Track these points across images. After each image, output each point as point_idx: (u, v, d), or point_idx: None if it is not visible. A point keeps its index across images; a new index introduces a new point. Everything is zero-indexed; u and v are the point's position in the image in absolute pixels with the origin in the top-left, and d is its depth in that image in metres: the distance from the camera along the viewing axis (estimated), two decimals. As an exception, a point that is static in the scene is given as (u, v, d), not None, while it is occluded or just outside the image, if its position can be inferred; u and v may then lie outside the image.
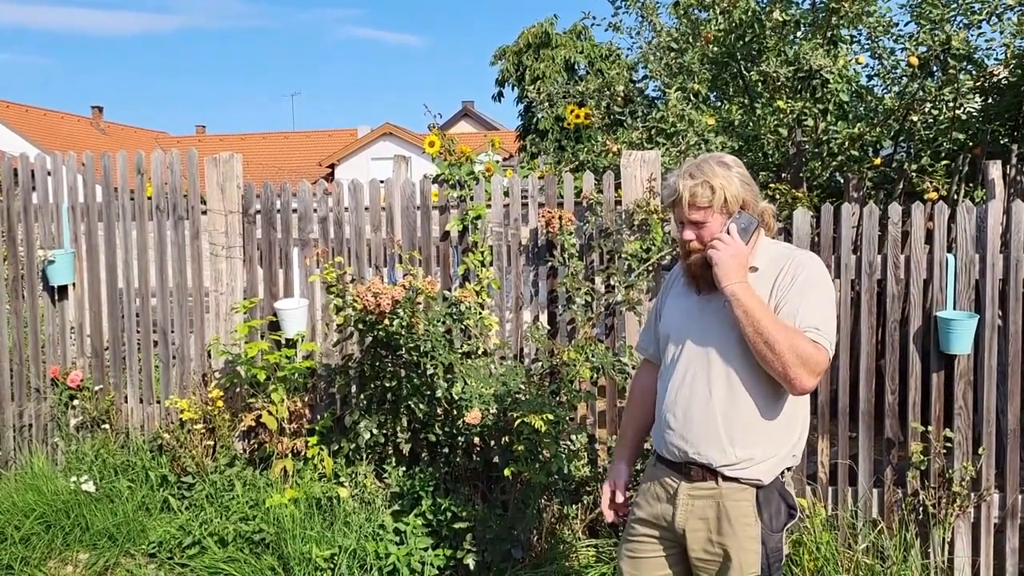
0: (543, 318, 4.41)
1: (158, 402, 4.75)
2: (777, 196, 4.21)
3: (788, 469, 2.29)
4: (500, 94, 16.65)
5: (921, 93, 5.14)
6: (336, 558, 3.85)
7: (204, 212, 4.69)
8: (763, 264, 2.23)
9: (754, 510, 2.20)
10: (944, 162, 5.30)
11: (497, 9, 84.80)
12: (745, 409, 2.18)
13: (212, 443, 4.44)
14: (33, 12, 73.00)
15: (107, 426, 4.67)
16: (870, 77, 6.26)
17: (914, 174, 5.30)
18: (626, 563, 2.41)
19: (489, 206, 4.39)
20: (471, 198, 4.41)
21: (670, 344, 2.33)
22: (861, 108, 6.02)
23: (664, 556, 2.34)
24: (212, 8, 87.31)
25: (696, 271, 2.24)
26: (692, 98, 6.01)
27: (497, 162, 4.66)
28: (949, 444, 3.87)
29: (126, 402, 4.79)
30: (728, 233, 2.16)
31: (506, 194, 4.43)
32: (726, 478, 2.20)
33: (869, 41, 5.93)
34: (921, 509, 3.88)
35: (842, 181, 5.54)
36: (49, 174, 4.83)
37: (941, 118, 5.31)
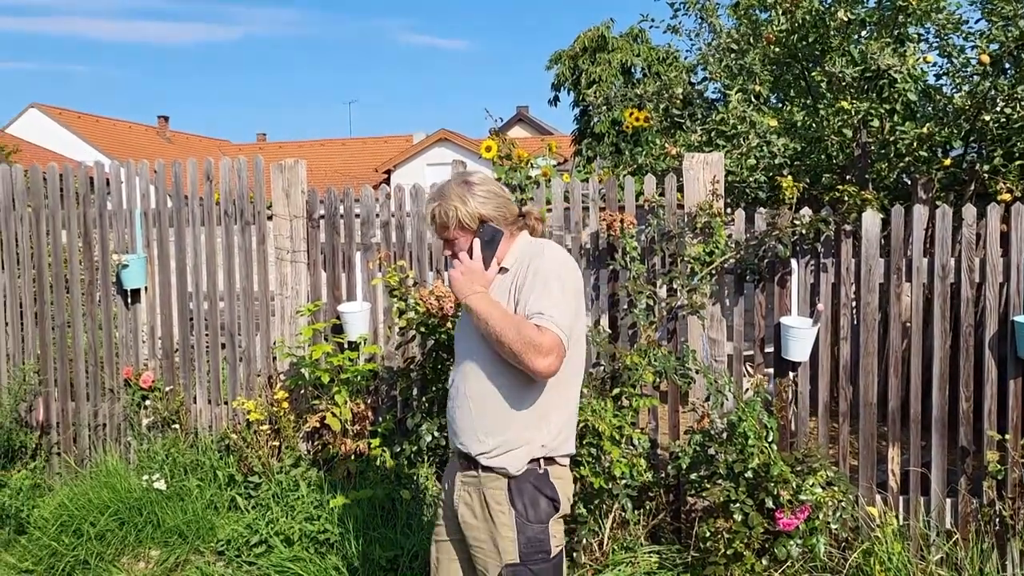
0: (604, 322, 4.39)
1: (225, 403, 4.86)
2: (846, 198, 4.12)
3: (550, 461, 2.39)
4: (556, 98, 16.62)
5: (993, 92, 4.99)
6: (399, 560, 3.89)
7: (269, 217, 4.79)
8: (511, 264, 2.41)
9: (507, 498, 2.34)
10: (1018, 162, 5.13)
11: (551, 14, 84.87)
12: (494, 402, 2.33)
13: (277, 444, 4.52)
14: (106, 26, 75.56)
15: (177, 426, 4.80)
16: (938, 76, 6.10)
17: (986, 175, 5.15)
18: (433, 546, 2.59)
19: (549, 210, 4.39)
20: (531, 201, 4.41)
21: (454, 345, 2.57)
22: (929, 108, 5.87)
23: (459, 539, 2.48)
24: (270, 18, 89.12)
25: None
26: (753, 100, 5.93)
27: (553, 166, 4.66)
28: (1027, 453, 3.75)
29: (195, 403, 4.91)
30: (471, 248, 2.37)
31: (566, 198, 4.43)
32: (484, 468, 2.36)
33: (937, 39, 5.78)
34: (998, 520, 3.76)
35: (909, 183, 5.41)
36: (122, 182, 4.98)
37: (1015, 117, 5.14)
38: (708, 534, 3.55)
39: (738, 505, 3.47)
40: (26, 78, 76.76)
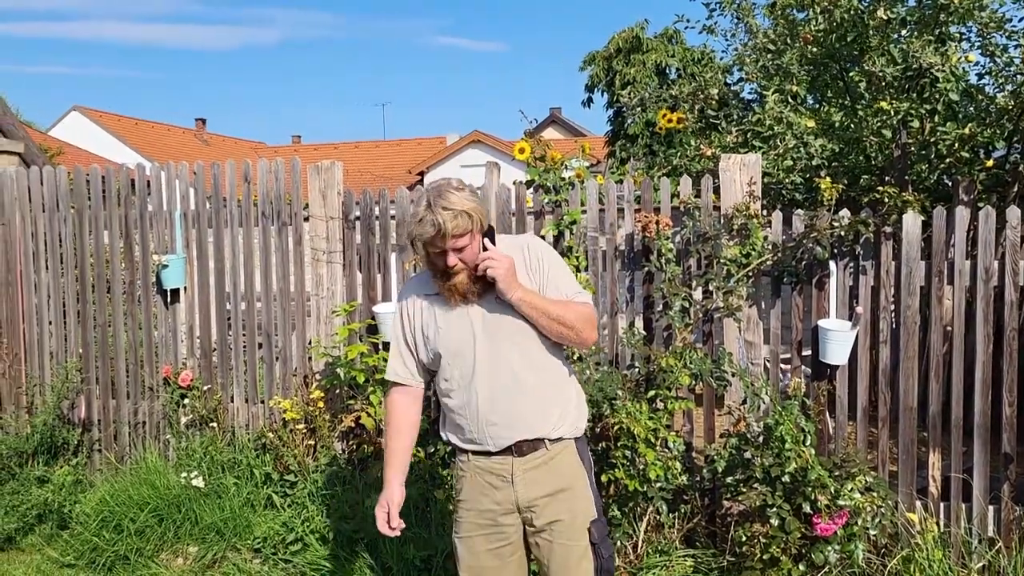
0: (639, 323, 4.37)
1: (262, 402, 4.91)
2: (886, 199, 4.06)
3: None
4: (589, 100, 16.57)
5: (1038, 91, 4.89)
6: (433, 560, 3.91)
7: (306, 219, 4.84)
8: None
9: (578, 459, 2.52)
10: (1064, 163, 5.03)
11: (583, 16, 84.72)
12: (551, 381, 2.49)
13: (313, 443, 4.57)
14: (142, 29, 76.87)
15: (214, 424, 4.86)
16: (980, 76, 5.99)
17: (1030, 176, 5.05)
18: (486, 557, 2.53)
19: (584, 211, 4.39)
20: (566, 202, 4.41)
21: (457, 358, 2.48)
22: (971, 108, 5.77)
23: (515, 541, 2.53)
24: (302, 21, 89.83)
25: (464, 288, 2.43)
26: (790, 100, 5.87)
27: (587, 168, 4.65)
28: (1073, 460, 3.67)
29: (232, 402, 4.97)
30: (485, 248, 2.38)
31: (600, 199, 4.42)
32: (552, 440, 2.47)
33: (980, 38, 5.67)
34: (1042, 528, 3.68)
35: (950, 184, 5.32)
36: (163, 184, 5.06)
37: (1060, 117, 5.04)
38: (744, 539, 3.52)
39: (775, 509, 3.44)
40: (68, 81, 78.39)
